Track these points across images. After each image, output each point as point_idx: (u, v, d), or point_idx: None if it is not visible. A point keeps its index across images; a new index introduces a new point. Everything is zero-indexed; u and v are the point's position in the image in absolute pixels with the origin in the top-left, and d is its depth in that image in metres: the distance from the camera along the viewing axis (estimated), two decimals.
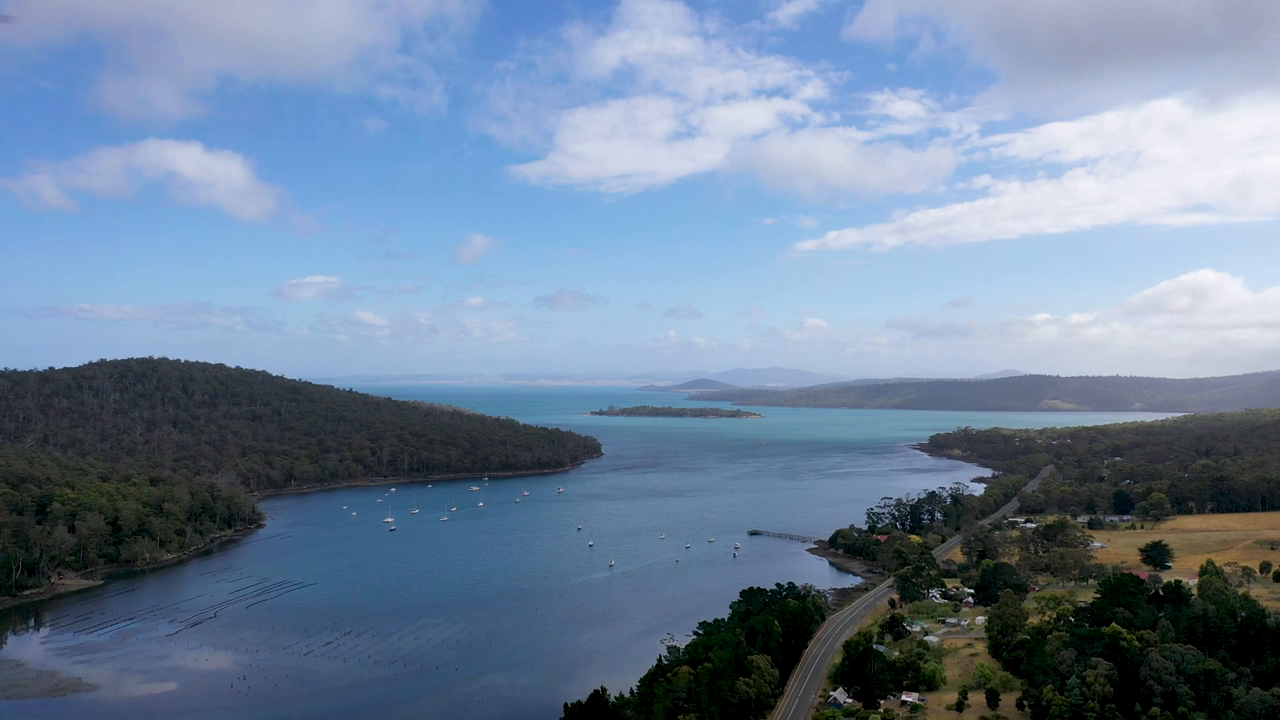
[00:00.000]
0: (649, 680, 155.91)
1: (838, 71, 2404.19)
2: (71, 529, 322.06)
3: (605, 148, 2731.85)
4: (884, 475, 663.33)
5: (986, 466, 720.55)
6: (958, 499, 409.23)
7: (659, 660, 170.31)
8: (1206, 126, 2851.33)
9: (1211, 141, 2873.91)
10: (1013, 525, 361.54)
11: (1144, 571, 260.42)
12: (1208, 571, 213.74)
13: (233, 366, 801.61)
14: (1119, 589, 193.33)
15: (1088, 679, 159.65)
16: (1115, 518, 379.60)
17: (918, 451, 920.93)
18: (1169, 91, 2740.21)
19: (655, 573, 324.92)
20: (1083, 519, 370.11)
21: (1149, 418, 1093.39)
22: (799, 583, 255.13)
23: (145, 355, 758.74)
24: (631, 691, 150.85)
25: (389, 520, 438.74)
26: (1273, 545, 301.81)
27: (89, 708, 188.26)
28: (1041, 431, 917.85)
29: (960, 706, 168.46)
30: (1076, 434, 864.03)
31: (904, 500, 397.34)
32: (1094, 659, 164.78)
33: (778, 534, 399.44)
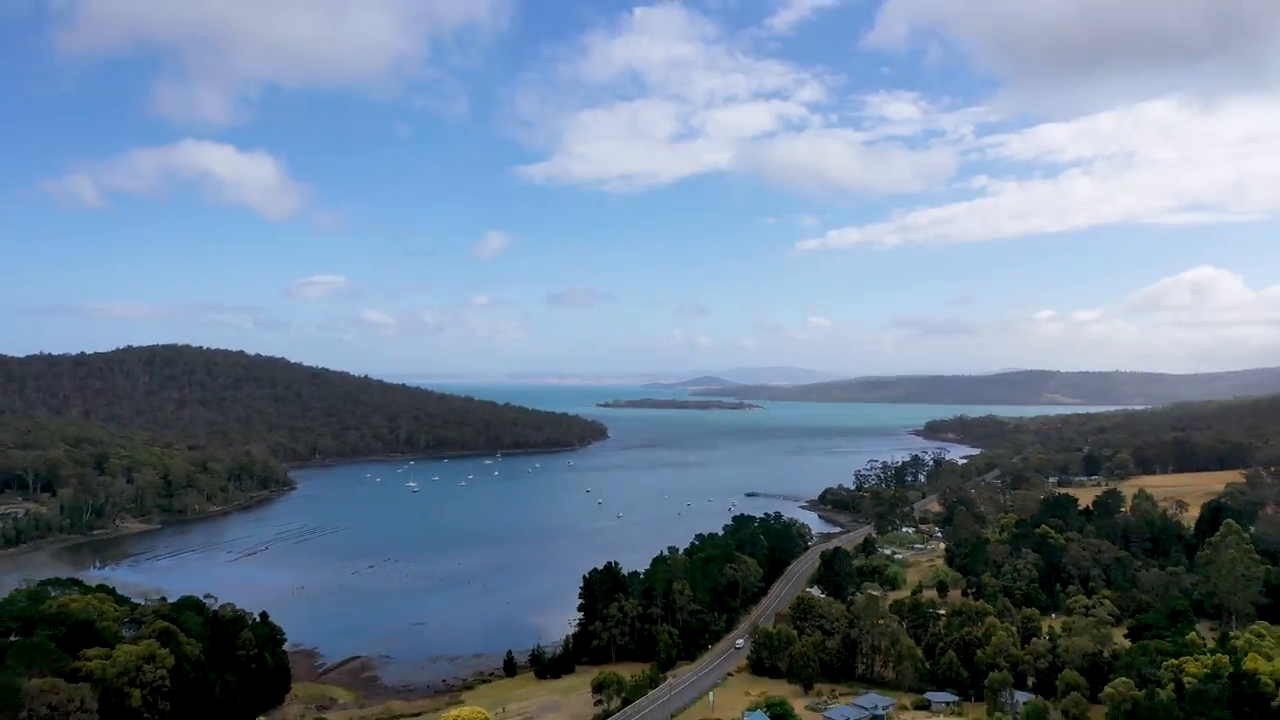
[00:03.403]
0: (653, 564, 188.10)
1: (834, 75, 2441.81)
2: (130, 480, 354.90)
3: (608, 149, 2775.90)
4: (880, 453, 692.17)
5: (978, 447, 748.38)
6: (939, 462, 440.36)
7: (660, 554, 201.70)
8: (1198, 128, 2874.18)
9: (1204, 142, 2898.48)
10: (987, 484, 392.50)
11: None
12: (1139, 496, 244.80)
13: (253, 354, 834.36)
14: (1056, 504, 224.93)
15: (1018, 566, 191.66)
16: (1084, 478, 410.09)
17: (914, 436, 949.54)
18: (1161, 94, 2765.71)
19: (659, 522, 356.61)
20: (1053, 479, 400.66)
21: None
22: None
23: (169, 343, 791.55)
24: (637, 572, 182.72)
25: (412, 484, 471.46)
26: (1220, 497, 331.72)
27: None
28: (1035, 418, 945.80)
29: (914, 595, 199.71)
30: (1068, 420, 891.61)
31: (889, 463, 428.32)
32: (1025, 551, 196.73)
33: (772, 495, 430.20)
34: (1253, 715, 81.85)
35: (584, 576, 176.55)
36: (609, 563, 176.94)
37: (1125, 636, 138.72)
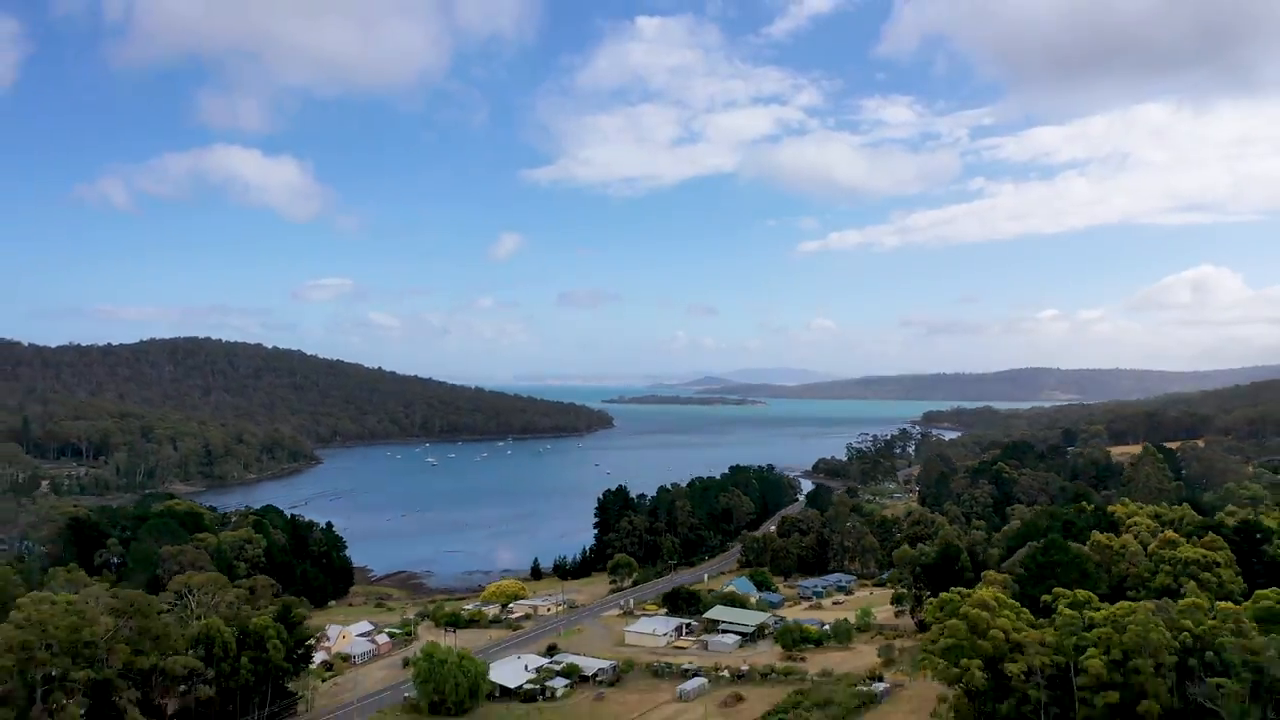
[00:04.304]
0: (658, 491, 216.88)
1: (830, 80, 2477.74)
2: (175, 448, 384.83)
3: (611, 152, 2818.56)
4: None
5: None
6: (926, 435, 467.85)
7: (663, 485, 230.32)
8: (1191, 130, 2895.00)
9: (1197, 144, 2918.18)
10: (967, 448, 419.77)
11: None
12: (1092, 446, 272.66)
13: (270, 347, 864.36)
14: (1014, 448, 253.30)
15: (975, 495, 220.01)
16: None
17: (912, 426, 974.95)
18: (1153, 98, 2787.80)
19: None
20: None
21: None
22: None
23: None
24: (645, 494, 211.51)
25: (430, 460, 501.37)
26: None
27: None
28: (1030, 409, 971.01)
29: None
30: (1061, 409, 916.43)
31: (879, 436, 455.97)
32: (982, 482, 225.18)
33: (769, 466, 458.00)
34: (1103, 527, 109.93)
35: (598, 498, 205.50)
36: (620, 485, 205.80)
37: None
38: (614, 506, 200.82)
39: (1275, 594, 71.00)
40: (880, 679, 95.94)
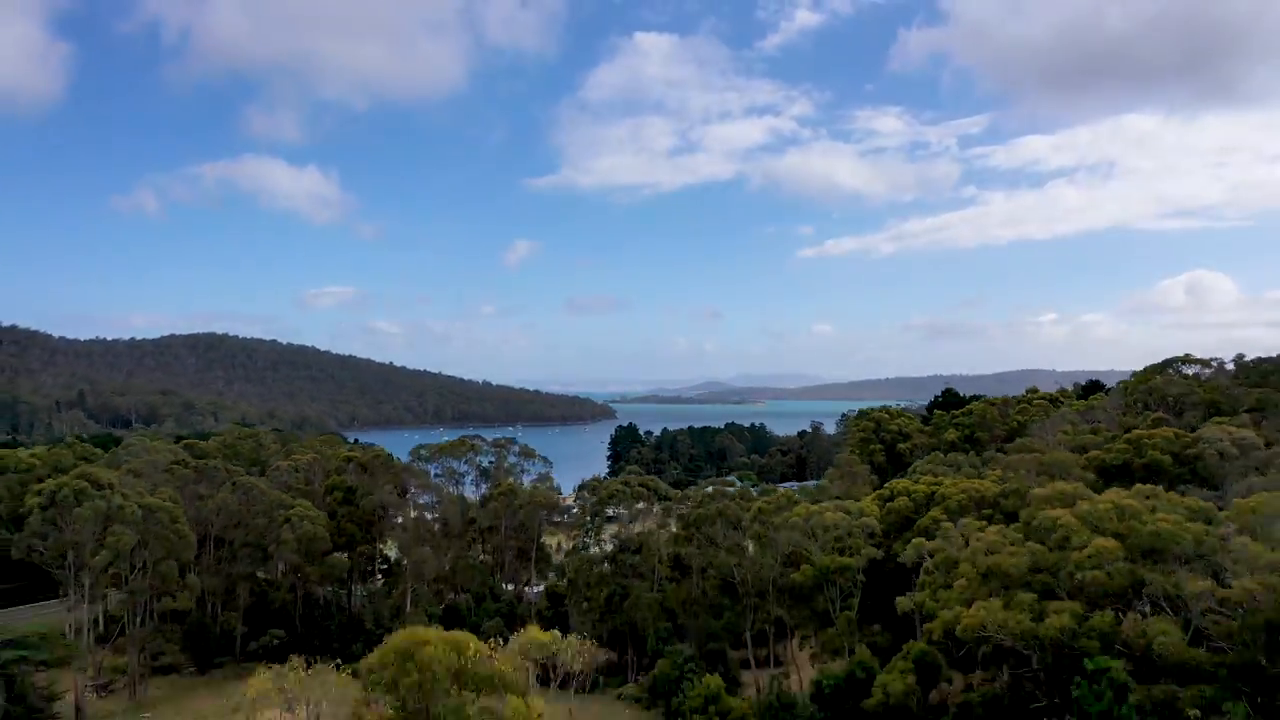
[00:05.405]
0: (661, 432, 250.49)
1: (820, 92, 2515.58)
2: (216, 419, 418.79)
3: (611, 162, 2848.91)
4: None
5: None
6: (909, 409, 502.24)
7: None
8: (1178, 139, 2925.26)
9: (1184, 152, 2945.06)
10: None
11: None
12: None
13: (284, 343, 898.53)
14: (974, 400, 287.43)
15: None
16: None
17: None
18: (1139, 108, 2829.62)
19: None
20: None
21: None
22: None
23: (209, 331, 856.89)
24: (651, 431, 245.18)
25: (447, 439, 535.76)
26: None
27: None
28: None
29: None
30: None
31: (866, 411, 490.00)
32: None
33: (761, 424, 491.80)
34: None
35: (610, 435, 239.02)
36: (630, 423, 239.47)
37: None
38: (624, 441, 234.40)
39: (1082, 403, 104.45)
40: None
